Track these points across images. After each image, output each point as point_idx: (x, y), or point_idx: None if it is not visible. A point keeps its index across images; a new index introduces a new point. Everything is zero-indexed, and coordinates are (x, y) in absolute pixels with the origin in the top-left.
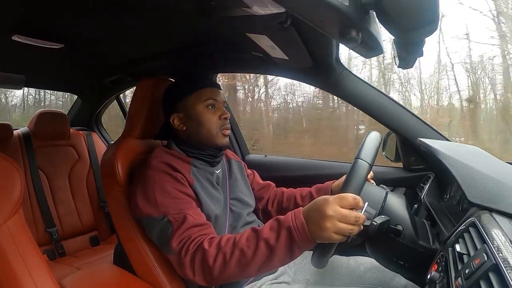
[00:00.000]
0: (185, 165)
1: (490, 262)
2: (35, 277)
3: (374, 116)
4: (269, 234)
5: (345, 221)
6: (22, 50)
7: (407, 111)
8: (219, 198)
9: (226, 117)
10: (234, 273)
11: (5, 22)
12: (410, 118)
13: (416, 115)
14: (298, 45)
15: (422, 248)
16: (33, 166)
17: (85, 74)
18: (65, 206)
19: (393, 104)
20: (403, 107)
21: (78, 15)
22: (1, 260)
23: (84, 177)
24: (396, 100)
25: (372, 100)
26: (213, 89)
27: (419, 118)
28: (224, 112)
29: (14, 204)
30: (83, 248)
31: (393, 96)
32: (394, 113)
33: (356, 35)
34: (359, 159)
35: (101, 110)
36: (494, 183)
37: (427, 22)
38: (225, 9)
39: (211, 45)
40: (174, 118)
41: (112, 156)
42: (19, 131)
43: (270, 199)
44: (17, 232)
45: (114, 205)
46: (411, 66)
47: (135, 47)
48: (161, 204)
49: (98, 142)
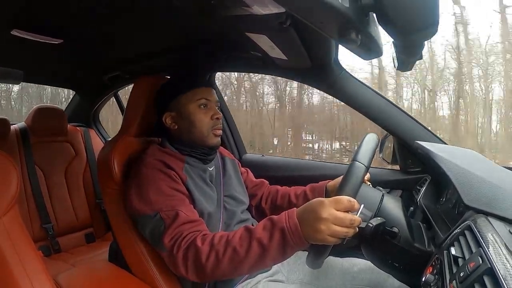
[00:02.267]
0: (178, 162)
1: (485, 266)
2: (30, 273)
3: (372, 118)
4: (262, 234)
5: (340, 223)
6: (21, 45)
7: (404, 113)
8: (212, 195)
9: (218, 117)
10: (227, 271)
11: (5, 17)
12: (407, 121)
13: (414, 117)
14: (297, 45)
15: (417, 251)
16: (30, 162)
17: (83, 70)
18: (61, 203)
19: (391, 106)
20: (401, 110)
21: (78, 11)
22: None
23: (81, 174)
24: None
25: (370, 102)
26: (206, 88)
27: (416, 120)
28: (216, 112)
29: (10, 200)
30: (79, 245)
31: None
32: (391, 115)
33: (355, 36)
34: (355, 161)
35: (99, 106)
36: (490, 187)
37: (427, 25)
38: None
39: (210, 44)
40: (167, 117)
41: (108, 153)
42: (16, 127)
43: (264, 196)
44: (13, 228)
45: (110, 202)
46: (410, 69)
47: (134, 44)
48: (154, 202)
49: (95, 138)
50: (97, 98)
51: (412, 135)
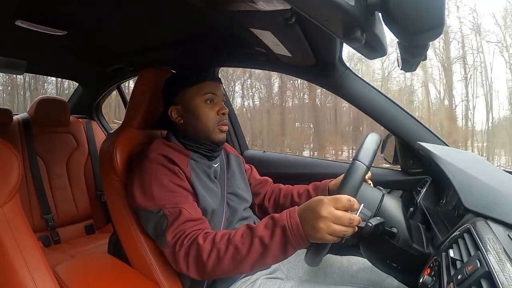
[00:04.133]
0: (183, 158)
1: (483, 269)
2: (29, 263)
3: (374, 117)
4: (264, 232)
5: (339, 222)
6: (25, 36)
7: (407, 114)
8: (216, 192)
9: (224, 112)
10: (228, 269)
11: (9, 7)
12: (410, 121)
13: (417, 118)
14: (301, 42)
15: (415, 252)
16: (32, 152)
17: (87, 62)
18: (61, 193)
19: (393, 107)
20: (403, 110)
21: (82, 3)
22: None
23: (82, 165)
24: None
25: (372, 102)
26: (213, 82)
27: (419, 121)
28: (222, 107)
29: (11, 190)
30: (78, 236)
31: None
32: (394, 116)
33: (360, 35)
34: (356, 160)
35: (101, 98)
36: (491, 191)
37: (433, 26)
38: (230, 3)
39: (214, 38)
40: (172, 111)
41: (111, 145)
42: (19, 117)
43: (267, 195)
44: (13, 217)
45: (111, 194)
46: (414, 69)
47: (138, 37)
48: (157, 197)
49: (97, 130)
50: (100, 90)
51: (414, 136)
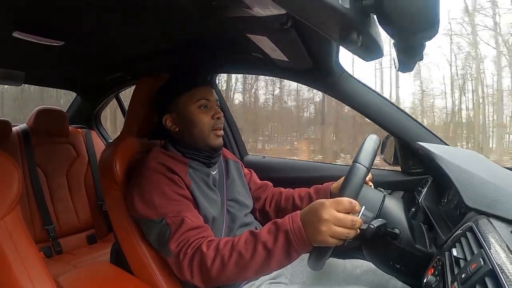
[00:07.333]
0: (181, 166)
1: (487, 267)
2: (31, 274)
3: (373, 119)
4: (267, 237)
5: (341, 225)
6: (22, 47)
7: (406, 114)
8: (216, 200)
9: (219, 116)
10: (232, 275)
11: (6, 18)
12: (409, 122)
13: (415, 118)
14: (298, 46)
15: (418, 252)
16: (31, 163)
17: (85, 72)
18: (62, 204)
19: (392, 108)
20: (402, 111)
21: (79, 13)
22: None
23: (82, 175)
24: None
25: (371, 103)
26: (205, 87)
27: (417, 121)
28: (216, 111)
29: (11, 201)
30: (80, 246)
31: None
32: (393, 117)
33: (356, 37)
34: (356, 163)
35: (100, 108)
36: (492, 188)
37: (428, 26)
38: (225, 10)
39: (211, 45)
40: (167, 119)
41: (110, 154)
42: (18, 128)
43: (268, 199)
44: (14, 229)
45: (112, 203)
46: (411, 70)
47: (135, 45)
48: (158, 206)
49: (97, 140)
50: (98, 99)
51: (413, 136)
